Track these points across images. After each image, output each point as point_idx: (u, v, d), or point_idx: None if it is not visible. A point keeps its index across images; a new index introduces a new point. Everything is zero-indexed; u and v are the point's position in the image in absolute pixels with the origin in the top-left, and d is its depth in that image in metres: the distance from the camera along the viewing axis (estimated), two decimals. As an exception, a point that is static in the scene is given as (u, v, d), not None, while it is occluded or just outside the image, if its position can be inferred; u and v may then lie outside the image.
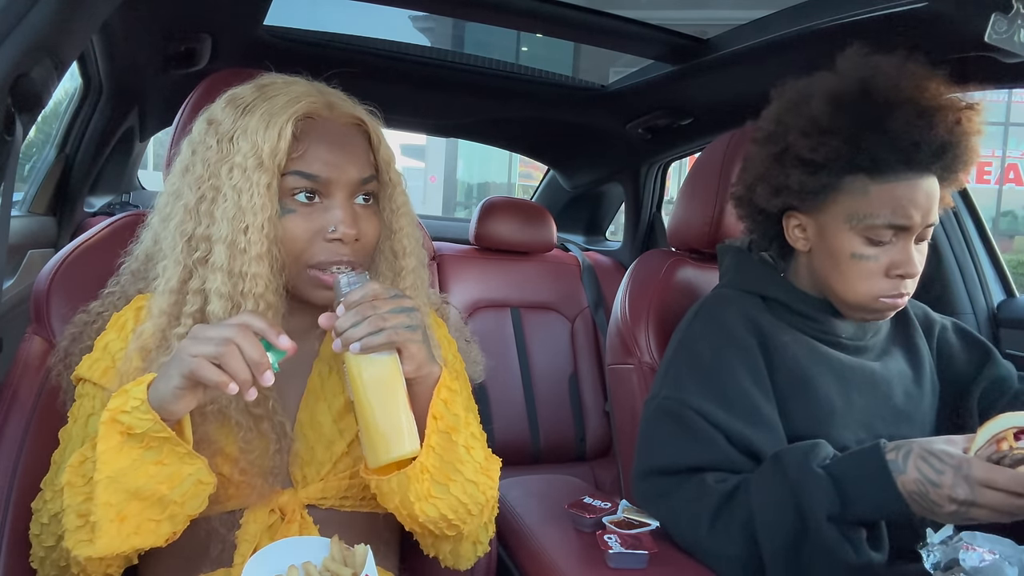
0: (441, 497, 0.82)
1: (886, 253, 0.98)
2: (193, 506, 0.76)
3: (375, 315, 0.74)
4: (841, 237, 1.00)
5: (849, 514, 0.88)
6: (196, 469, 0.74)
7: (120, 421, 0.70)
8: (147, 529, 0.74)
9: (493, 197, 2.28)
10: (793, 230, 1.07)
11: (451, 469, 0.82)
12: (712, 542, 0.94)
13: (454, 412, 0.81)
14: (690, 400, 1.01)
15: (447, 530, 0.84)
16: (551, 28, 1.66)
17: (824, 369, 1.05)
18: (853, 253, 0.99)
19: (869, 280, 0.99)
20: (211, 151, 0.82)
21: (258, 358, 0.70)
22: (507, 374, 2.10)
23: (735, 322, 1.06)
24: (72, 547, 0.73)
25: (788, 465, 0.91)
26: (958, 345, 1.18)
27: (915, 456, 0.85)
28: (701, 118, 1.99)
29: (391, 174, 0.89)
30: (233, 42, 1.73)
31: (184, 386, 0.70)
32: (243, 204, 0.78)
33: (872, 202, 0.97)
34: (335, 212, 0.82)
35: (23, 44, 0.67)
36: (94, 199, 2.28)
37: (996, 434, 0.85)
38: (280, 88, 0.84)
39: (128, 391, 0.71)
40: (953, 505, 0.82)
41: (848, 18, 1.25)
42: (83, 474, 0.73)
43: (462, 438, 0.82)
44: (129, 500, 0.72)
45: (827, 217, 1.01)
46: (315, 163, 0.81)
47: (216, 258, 0.79)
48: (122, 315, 0.87)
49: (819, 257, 1.04)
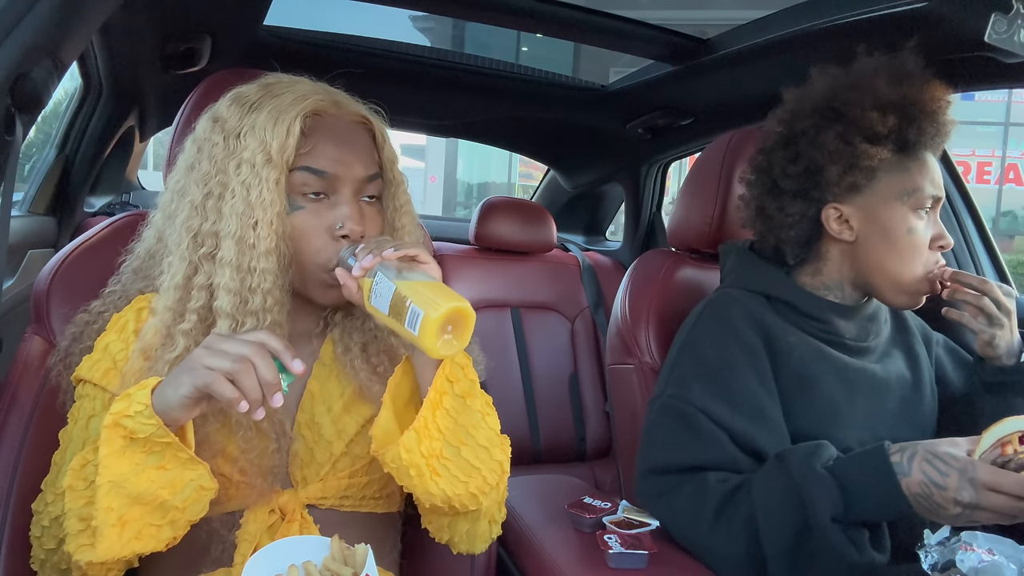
0: (452, 459, 0.80)
1: (927, 227, 1.04)
2: (194, 511, 0.75)
3: (387, 243, 0.76)
4: (896, 215, 1.04)
5: (853, 515, 0.88)
6: (198, 475, 0.74)
7: (123, 425, 0.70)
8: (148, 534, 0.74)
9: (493, 197, 2.28)
10: (833, 223, 1.07)
11: (463, 432, 0.81)
12: (713, 541, 0.95)
13: (471, 378, 0.82)
14: (695, 399, 1.01)
15: (468, 503, 0.82)
16: (551, 28, 1.66)
17: (828, 370, 1.05)
18: (909, 228, 1.04)
19: (920, 255, 1.04)
20: (217, 148, 0.82)
21: (272, 379, 0.69)
22: (507, 374, 2.10)
23: (741, 322, 1.06)
24: (74, 552, 0.72)
25: (792, 465, 0.92)
26: (950, 366, 1.20)
27: (919, 458, 0.86)
28: (701, 118, 1.99)
29: (395, 173, 0.89)
30: (233, 42, 1.73)
31: (194, 396, 0.69)
32: (252, 200, 0.79)
33: (914, 177, 1.03)
34: (342, 208, 0.82)
35: (23, 44, 0.67)
36: (94, 199, 2.28)
37: (1001, 438, 0.85)
38: (286, 86, 0.84)
39: (131, 395, 0.71)
40: (957, 508, 0.82)
41: (848, 18, 1.25)
42: (84, 477, 0.73)
43: (478, 403, 0.82)
44: (130, 505, 0.71)
45: (875, 199, 1.05)
46: (323, 159, 0.82)
47: (224, 253, 0.79)
48: (122, 316, 0.87)
49: (870, 243, 1.05)
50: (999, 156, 11.54)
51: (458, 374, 0.81)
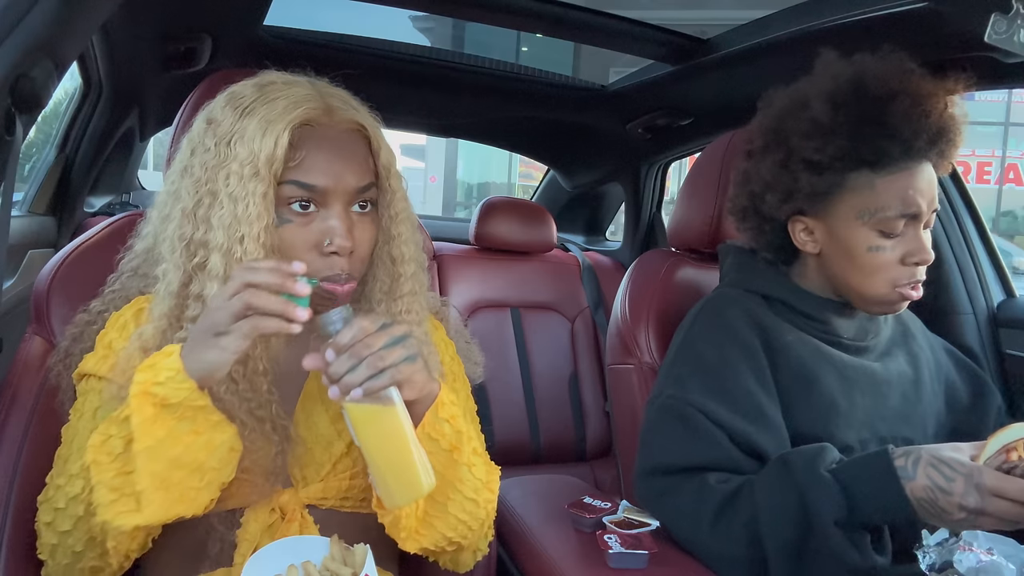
0: (438, 516, 0.82)
1: (900, 243, 1.00)
2: (226, 473, 0.76)
3: (372, 355, 0.70)
4: (855, 234, 1.01)
5: (856, 519, 0.88)
6: (229, 436, 0.74)
7: (153, 393, 0.70)
8: (189, 497, 0.74)
9: (493, 197, 2.28)
10: (800, 234, 1.07)
11: (450, 488, 0.81)
12: (713, 542, 0.94)
13: (457, 429, 0.81)
14: (693, 399, 1.01)
15: (447, 547, 0.85)
16: (551, 28, 1.66)
17: (827, 369, 1.05)
18: (869, 247, 1.00)
19: (887, 271, 1.01)
20: (209, 154, 0.80)
21: (277, 281, 0.69)
22: (507, 374, 2.10)
23: (738, 322, 1.06)
24: (112, 519, 0.71)
25: (795, 468, 0.91)
26: (955, 372, 1.19)
27: (924, 463, 0.86)
28: (701, 118, 1.99)
29: (391, 181, 0.87)
30: (233, 42, 1.73)
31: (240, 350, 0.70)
32: (239, 213, 0.77)
33: (880, 196, 0.99)
34: (331, 223, 0.80)
35: (23, 44, 0.67)
36: (94, 199, 2.28)
37: (1007, 444, 0.85)
38: (280, 90, 0.82)
39: (156, 364, 0.71)
40: (962, 513, 0.82)
41: (848, 18, 1.25)
42: (109, 452, 0.72)
43: (464, 456, 0.81)
44: (171, 469, 0.71)
45: (836, 217, 1.02)
46: (312, 172, 0.80)
47: (213, 266, 0.78)
48: (122, 315, 0.87)
49: (832, 257, 1.05)
50: (999, 156, 11.54)
51: (443, 429, 0.79)
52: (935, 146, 1.00)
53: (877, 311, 1.06)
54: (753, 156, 1.08)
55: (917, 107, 0.97)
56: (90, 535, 0.76)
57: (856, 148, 0.98)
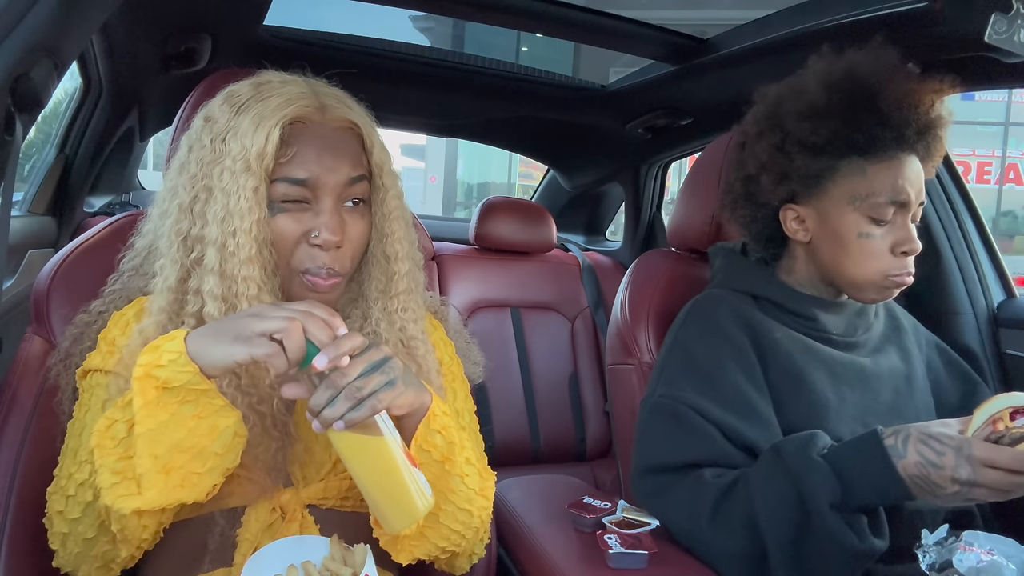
0: (431, 527, 0.83)
1: (889, 232, 1.02)
2: (230, 459, 0.75)
3: (349, 386, 0.69)
4: (846, 219, 1.03)
5: (851, 501, 0.88)
6: (234, 421, 0.74)
7: (155, 376, 0.70)
8: (191, 482, 0.74)
9: (493, 197, 2.28)
10: (791, 223, 1.09)
11: (442, 499, 0.81)
12: (712, 537, 0.95)
13: (449, 440, 0.80)
14: (685, 397, 1.02)
15: (441, 555, 0.86)
16: (551, 28, 1.67)
17: (817, 365, 1.06)
18: (860, 233, 1.02)
19: (877, 259, 1.02)
20: (205, 150, 0.81)
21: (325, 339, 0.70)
22: (507, 374, 2.10)
23: (727, 321, 1.07)
24: (113, 502, 0.71)
25: (788, 456, 0.92)
26: (944, 371, 1.19)
27: (914, 440, 0.87)
28: (701, 118, 1.99)
29: (384, 178, 0.87)
30: (233, 42, 1.73)
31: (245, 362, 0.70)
32: (231, 207, 0.78)
33: (871, 182, 1.01)
34: (320, 217, 0.81)
35: (23, 44, 0.67)
36: (94, 199, 2.28)
37: (992, 415, 0.87)
38: (275, 88, 0.83)
39: (160, 347, 0.71)
40: (955, 486, 0.83)
41: (848, 18, 1.25)
42: (112, 436, 0.72)
43: (457, 467, 0.81)
44: (172, 453, 0.71)
45: (828, 202, 1.04)
46: (302, 169, 0.80)
47: (208, 260, 0.79)
48: (124, 314, 0.87)
49: (823, 244, 1.06)
50: (999, 156, 11.53)
51: (435, 441, 0.79)
52: (923, 138, 1.03)
53: (869, 298, 1.07)
54: (748, 142, 1.10)
55: (907, 98, 1.00)
56: (100, 520, 0.76)
57: (849, 133, 1.00)
